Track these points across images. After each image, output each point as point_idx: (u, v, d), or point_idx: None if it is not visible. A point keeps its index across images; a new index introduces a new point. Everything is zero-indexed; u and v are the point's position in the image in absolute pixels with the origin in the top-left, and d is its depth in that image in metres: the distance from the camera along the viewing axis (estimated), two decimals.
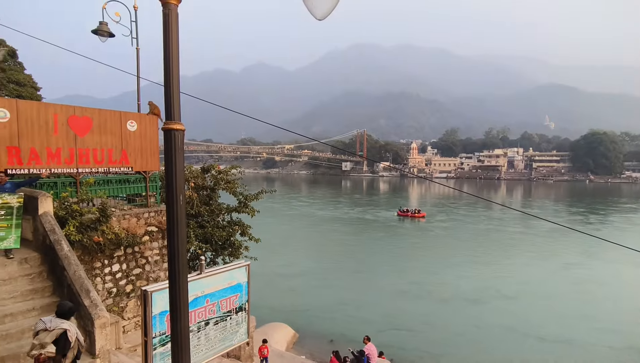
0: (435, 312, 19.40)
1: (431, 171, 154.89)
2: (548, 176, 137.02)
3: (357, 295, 21.62)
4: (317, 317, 18.43)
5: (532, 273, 25.83)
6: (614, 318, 18.21)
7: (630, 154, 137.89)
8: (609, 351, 15.24)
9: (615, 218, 50.94)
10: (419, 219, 47.78)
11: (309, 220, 48.04)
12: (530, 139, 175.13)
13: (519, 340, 16.39)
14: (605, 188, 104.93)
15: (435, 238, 38.43)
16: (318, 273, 25.75)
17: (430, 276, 25.08)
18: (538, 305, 20.24)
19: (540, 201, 71.72)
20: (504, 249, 33.07)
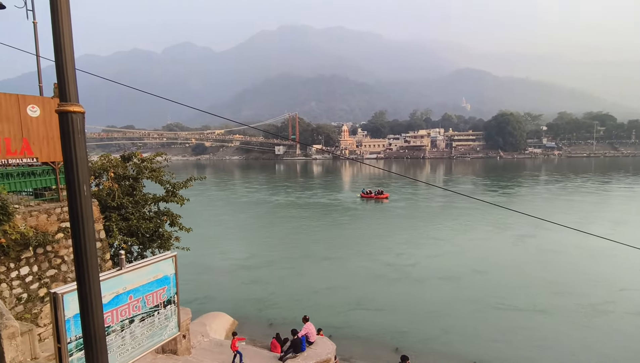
0: (397, 290, 19.71)
1: (362, 153, 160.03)
2: (466, 154, 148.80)
3: (307, 279, 21.64)
4: (258, 303, 18.30)
5: (490, 246, 27.42)
6: (569, 282, 20.07)
7: (532, 132, 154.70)
8: (572, 312, 16.75)
9: (528, 190, 57.08)
10: (383, 200, 47.60)
11: (265, 207, 46.45)
12: (450, 120, 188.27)
13: (489, 311, 16.96)
14: (512, 163, 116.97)
15: (399, 217, 38.70)
16: (271, 260, 25.15)
17: (389, 255, 25.61)
18: (502, 275, 21.39)
19: (465, 178, 77.78)
20: (460, 225, 34.11)
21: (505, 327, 15.57)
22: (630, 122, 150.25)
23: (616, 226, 31.88)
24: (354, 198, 51.02)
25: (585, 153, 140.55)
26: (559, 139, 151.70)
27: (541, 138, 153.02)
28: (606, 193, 53.44)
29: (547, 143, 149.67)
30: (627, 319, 15.88)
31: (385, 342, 14.58)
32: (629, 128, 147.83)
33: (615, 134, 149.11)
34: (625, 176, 73.73)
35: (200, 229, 33.65)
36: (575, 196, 50.13)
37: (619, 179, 67.72)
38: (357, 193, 53.24)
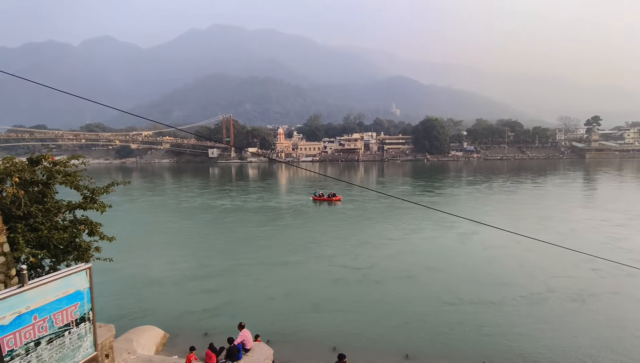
0: (354, 291, 19.64)
1: (298, 156, 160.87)
2: (396, 157, 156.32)
3: (262, 285, 20.91)
4: (197, 314, 17.25)
5: (439, 244, 28.61)
6: (510, 274, 21.65)
7: (454, 137, 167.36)
8: (517, 301, 18.02)
9: (461, 190, 61.37)
10: (336, 202, 47.72)
11: (212, 212, 44.08)
12: (381, 124, 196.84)
13: (443, 306, 17.76)
14: (438, 165, 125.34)
15: (353, 219, 38.77)
16: (223, 268, 23.90)
17: (347, 257, 25.54)
18: (452, 271, 22.42)
19: (402, 179, 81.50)
20: (409, 225, 34.94)
21: (458, 319, 16.39)
22: (534, 128, 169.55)
23: (542, 221, 35.63)
24: (305, 200, 50.88)
25: (499, 155, 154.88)
26: (477, 143, 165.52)
27: (462, 142, 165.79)
28: (525, 191, 59.74)
29: (467, 147, 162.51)
30: (564, 305, 17.68)
31: (327, 342, 14.57)
32: (533, 134, 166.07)
33: (522, 139, 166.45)
34: (533, 176, 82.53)
35: (140, 237, 32.00)
36: (501, 195, 55.75)
37: (531, 179, 75.77)
38: (308, 195, 53.25)
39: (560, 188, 63.06)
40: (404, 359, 13.59)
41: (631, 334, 14.95)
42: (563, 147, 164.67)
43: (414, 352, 13.92)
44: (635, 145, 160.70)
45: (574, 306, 17.59)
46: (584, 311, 16.99)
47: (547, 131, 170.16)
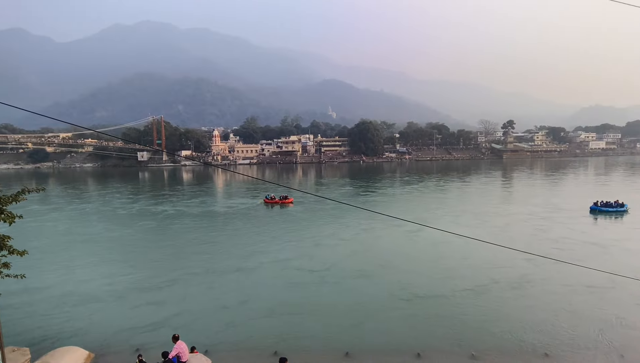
0: (310, 293, 19.58)
1: (235, 158, 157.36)
2: (334, 159, 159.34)
3: (216, 294, 19.94)
4: (129, 330, 16.01)
5: (389, 242, 29.41)
6: (456, 268, 22.85)
7: (387, 139, 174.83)
8: (464, 293, 19.11)
9: (399, 190, 63.85)
10: (288, 205, 47.66)
11: (153, 219, 40.97)
12: (318, 126, 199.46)
13: (398, 301, 18.39)
14: (374, 166, 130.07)
15: (305, 221, 38.36)
16: (172, 278, 22.21)
17: (302, 259, 25.30)
18: (404, 268, 23.28)
19: (341, 180, 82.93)
20: (358, 224, 35.25)
21: (410, 313, 17.15)
22: (459, 131, 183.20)
23: (478, 216, 38.62)
24: (255, 204, 49.80)
25: (428, 156, 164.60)
26: (409, 145, 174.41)
27: (395, 144, 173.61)
28: (458, 189, 64.29)
29: (400, 149, 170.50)
30: (505, 293, 19.28)
31: (274, 347, 14.36)
32: (458, 136, 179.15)
33: (449, 141, 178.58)
34: (462, 175, 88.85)
35: (74, 249, 29.23)
36: (438, 193, 59.54)
37: (460, 178, 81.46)
38: (253, 198, 52.08)
39: (487, 186, 69.14)
40: (344, 356, 13.80)
41: (561, 316, 16.65)
42: (484, 148, 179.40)
43: (356, 349, 14.19)
44: (543, 146, 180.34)
45: (513, 294, 19.21)
46: (521, 299, 18.58)
47: (470, 134, 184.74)
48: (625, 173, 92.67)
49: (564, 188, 65.25)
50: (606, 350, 13.97)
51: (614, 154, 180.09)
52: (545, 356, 13.54)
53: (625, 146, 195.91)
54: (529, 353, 13.79)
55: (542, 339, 14.69)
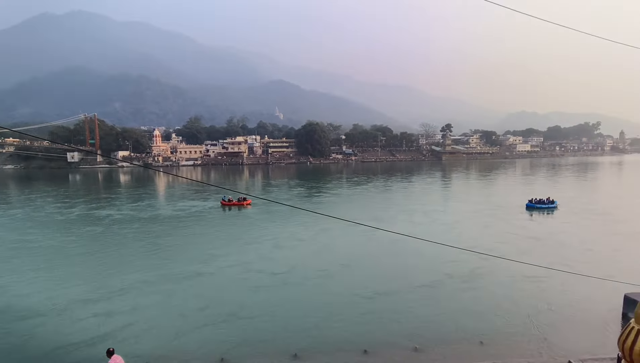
0: (271, 296, 19.23)
1: (178, 159, 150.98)
2: (281, 160, 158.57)
3: (173, 302, 18.77)
4: (67, 346, 14.58)
5: (347, 242, 29.64)
6: (409, 266, 23.53)
7: (334, 140, 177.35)
8: (415, 290, 19.76)
9: (347, 191, 64.63)
10: (246, 206, 46.87)
11: (98, 225, 37.37)
12: (265, 127, 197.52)
13: (358, 299, 18.69)
14: (321, 168, 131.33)
15: (263, 222, 37.53)
16: (122, 287, 20.49)
17: (263, 261, 24.73)
18: (364, 266, 23.72)
19: (291, 181, 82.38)
20: (316, 224, 34.96)
21: (364, 310, 17.44)
22: (401, 134, 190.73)
23: (428, 215, 40.41)
24: (211, 206, 47.98)
25: (373, 158, 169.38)
26: (355, 146, 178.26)
27: (341, 146, 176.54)
28: (406, 189, 66.80)
29: (346, 150, 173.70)
30: (453, 288, 20.23)
31: (222, 354, 13.93)
32: (401, 139, 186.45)
33: (392, 143, 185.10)
34: (407, 176, 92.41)
35: (5, 261, 25.85)
36: (387, 194, 61.27)
37: (406, 179, 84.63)
38: (204, 201, 50.36)
39: (432, 186, 72.83)
40: (292, 358, 13.78)
41: (500, 306, 17.97)
42: (425, 150, 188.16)
43: (306, 350, 14.20)
44: (477, 149, 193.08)
45: (460, 288, 20.29)
46: (467, 292, 19.71)
47: (412, 136, 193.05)
48: (548, 173, 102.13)
49: (501, 187, 70.43)
50: (533, 334, 15.34)
51: (538, 156, 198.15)
52: (481, 344, 14.53)
53: (546, 149, 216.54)
54: (467, 341, 14.70)
55: (480, 328, 15.71)
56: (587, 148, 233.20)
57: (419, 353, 14.01)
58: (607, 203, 50.21)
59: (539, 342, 14.74)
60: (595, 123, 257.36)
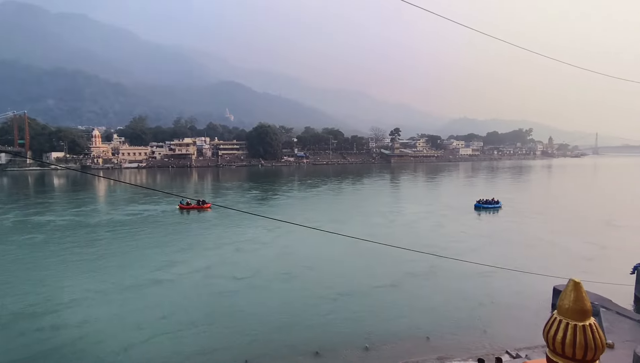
0: (233, 302, 18.64)
1: (120, 161, 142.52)
2: (231, 162, 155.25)
3: (130, 311, 17.65)
4: None
5: (309, 243, 29.45)
6: (370, 266, 23.75)
7: (286, 143, 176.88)
8: (374, 290, 20.05)
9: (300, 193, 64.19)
10: (206, 209, 45.90)
11: (39, 232, 34.04)
12: (215, 129, 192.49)
13: (323, 299, 18.97)
14: (273, 170, 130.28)
15: (223, 226, 36.46)
16: (73, 298, 18.95)
17: (225, 266, 23.90)
18: (325, 267, 24.17)
19: (245, 184, 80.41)
20: (277, 227, 34.39)
21: (320, 312, 17.63)
22: (352, 137, 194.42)
23: (385, 215, 41.58)
24: (166, 210, 45.67)
25: (325, 161, 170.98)
26: (306, 149, 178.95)
27: (293, 148, 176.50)
28: (359, 191, 68.41)
29: (298, 153, 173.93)
30: (408, 287, 20.83)
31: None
32: (352, 142, 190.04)
33: (343, 146, 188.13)
34: (359, 178, 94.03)
35: None
36: (341, 196, 62.54)
37: (358, 181, 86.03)
38: (156, 204, 48.20)
39: (385, 188, 75.10)
40: None
41: (448, 303, 18.85)
42: (375, 153, 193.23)
43: (257, 356, 14.06)
44: (423, 152, 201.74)
45: (414, 287, 21.13)
46: (420, 290, 20.62)
47: (362, 140, 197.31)
48: (489, 175, 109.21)
49: (449, 189, 74.22)
50: (476, 327, 16.35)
51: (478, 159, 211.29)
52: (427, 339, 15.25)
53: (486, 153, 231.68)
54: (415, 338, 15.34)
55: (428, 324, 16.45)
56: (521, 152, 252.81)
57: (370, 351, 14.36)
58: (543, 202, 55.19)
59: (480, 335, 15.71)
60: (528, 130, 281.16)
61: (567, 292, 2.33)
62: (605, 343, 2.19)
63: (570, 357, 2.13)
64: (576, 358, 2.12)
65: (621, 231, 35.18)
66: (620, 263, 21.98)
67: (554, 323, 2.23)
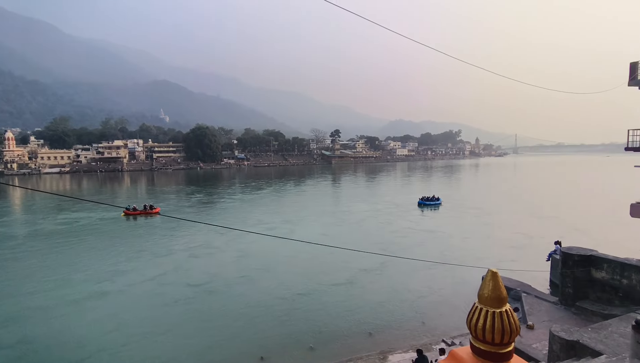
0: (184, 311, 17.00)
1: (39, 166, 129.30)
2: (167, 166, 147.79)
3: (70, 325, 16.25)
4: None
5: (263, 245, 28.45)
6: (323, 268, 23.01)
7: (225, 145, 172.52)
8: (337, 286, 19.24)
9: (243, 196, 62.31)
10: (154, 215, 43.19)
11: None
12: (149, 130, 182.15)
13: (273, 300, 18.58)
14: (212, 173, 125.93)
15: (173, 231, 34.67)
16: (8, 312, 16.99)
17: (177, 273, 22.38)
18: (282, 270, 23.64)
19: (183, 188, 76.35)
20: (228, 230, 33.68)
21: (269, 315, 17.18)
22: (293, 138, 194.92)
23: (336, 215, 41.87)
24: (108, 217, 42.28)
25: (266, 162, 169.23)
26: (247, 151, 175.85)
27: (233, 150, 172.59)
28: (305, 193, 68.27)
29: (239, 155, 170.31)
30: (367, 283, 20.85)
31: None
32: (293, 143, 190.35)
33: (285, 147, 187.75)
34: (302, 179, 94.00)
35: None
36: (290, 197, 62.11)
37: (302, 182, 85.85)
38: (105, 211, 44.98)
39: (330, 188, 76.25)
40: None
41: (391, 298, 19.43)
42: (316, 155, 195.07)
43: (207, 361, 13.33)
44: (363, 153, 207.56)
45: (363, 283, 21.59)
46: (365, 287, 21.09)
47: (303, 141, 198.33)
48: (425, 174, 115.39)
49: (391, 187, 77.06)
50: (415, 319, 17.18)
51: (414, 159, 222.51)
52: (370, 335, 15.67)
53: (421, 153, 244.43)
54: (358, 335, 15.66)
55: (371, 320, 16.88)
56: (452, 152, 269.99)
57: (314, 351, 14.44)
58: (475, 198, 59.38)
59: (419, 326, 16.51)
60: (458, 131, 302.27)
61: (486, 282, 2.48)
62: (519, 327, 2.39)
63: (490, 341, 2.33)
64: (495, 342, 2.32)
65: (544, 222, 39.03)
66: (542, 250, 24.19)
67: (476, 312, 2.39)
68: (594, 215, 42.41)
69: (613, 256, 15.13)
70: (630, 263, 14.53)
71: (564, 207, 48.60)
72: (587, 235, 31.24)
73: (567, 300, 15.68)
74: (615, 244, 24.68)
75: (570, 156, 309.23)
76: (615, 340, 9.08)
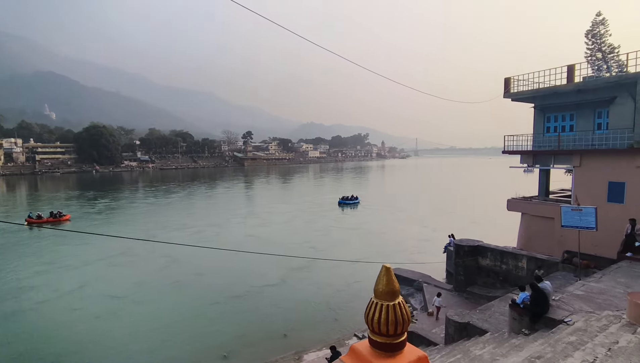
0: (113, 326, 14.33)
1: None
2: (55, 169, 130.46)
3: None
4: None
5: (191, 250, 25.64)
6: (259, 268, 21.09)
7: (126, 146, 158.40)
8: (270, 289, 17.53)
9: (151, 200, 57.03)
10: (63, 222, 39.02)
11: None
12: (31, 129, 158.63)
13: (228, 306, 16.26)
14: (110, 177, 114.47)
15: (86, 238, 30.26)
16: None
17: (90, 287, 19.28)
18: (213, 273, 23.24)
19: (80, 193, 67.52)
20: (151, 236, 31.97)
21: (186, 328, 15.63)
22: (203, 140, 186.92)
23: (260, 216, 39.04)
24: (5, 228, 35.69)
25: (174, 165, 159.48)
26: (152, 153, 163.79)
27: (136, 152, 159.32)
28: (220, 196, 65.90)
29: (142, 157, 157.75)
30: (273, 294, 20.07)
31: None
32: (203, 145, 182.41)
33: (194, 149, 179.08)
34: (214, 182, 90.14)
35: None
36: (204, 200, 59.77)
37: (214, 185, 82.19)
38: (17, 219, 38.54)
39: (245, 191, 74.83)
40: None
41: (299, 300, 19.51)
42: (227, 156, 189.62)
43: None
44: (276, 155, 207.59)
45: (283, 286, 21.27)
46: (287, 290, 21.00)
47: (214, 143, 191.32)
48: (337, 175, 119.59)
49: (308, 188, 78.23)
50: (329, 317, 17.56)
51: (325, 161, 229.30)
52: (285, 337, 15.68)
53: (332, 155, 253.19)
54: (273, 338, 15.54)
55: (286, 322, 16.90)
56: (360, 154, 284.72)
57: (228, 360, 13.99)
58: (389, 197, 63.31)
59: (332, 323, 16.98)
60: (365, 134, 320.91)
61: (380, 277, 2.59)
62: (410, 318, 2.54)
63: (385, 333, 2.47)
64: (390, 334, 2.47)
65: (445, 217, 43.11)
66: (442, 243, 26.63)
67: (372, 306, 2.50)
68: (482, 209, 48.04)
69: (495, 246, 17.35)
70: (507, 250, 16.82)
71: (460, 203, 54.44)
72: (477, 227, 35.35)
73: (459, 287, 17.52)
74: (497, 235, 28.23)
75: (462, 158, 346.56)
76: (497, 319, 10.36)
